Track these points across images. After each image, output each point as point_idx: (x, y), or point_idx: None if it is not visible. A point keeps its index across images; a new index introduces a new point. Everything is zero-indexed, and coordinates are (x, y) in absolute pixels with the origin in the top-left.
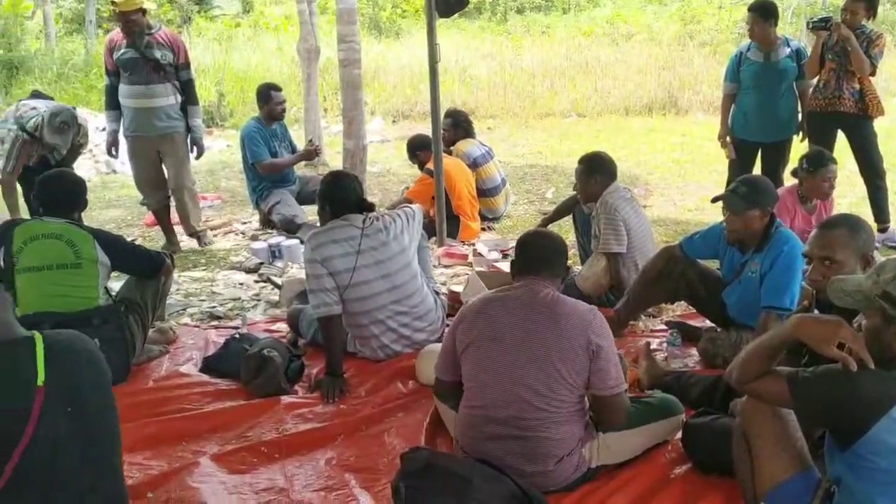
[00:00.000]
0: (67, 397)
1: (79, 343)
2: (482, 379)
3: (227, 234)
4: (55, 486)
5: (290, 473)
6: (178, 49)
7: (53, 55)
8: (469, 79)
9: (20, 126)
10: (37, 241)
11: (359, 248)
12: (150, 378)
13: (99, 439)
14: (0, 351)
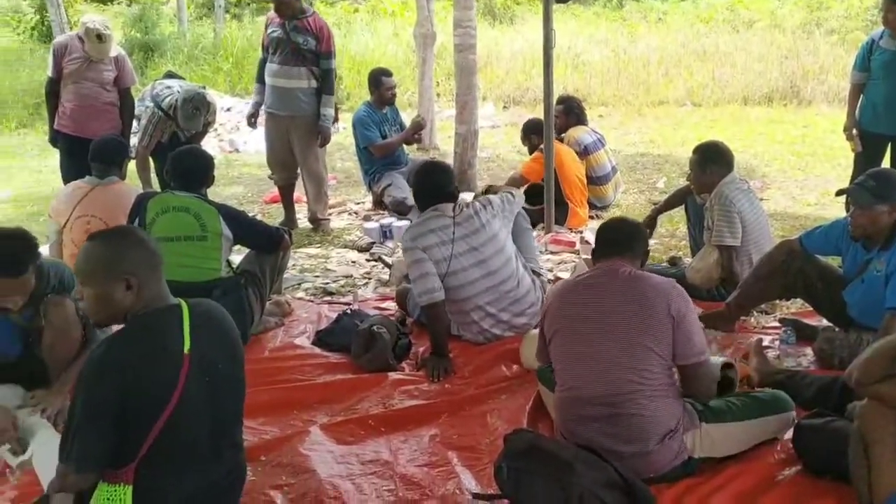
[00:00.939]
0: (207, 366)
1: (218, 314)
2: (569, 361)
3: (341, 213)
4: (187, 449)
5: (394, 447)
6: (322, 37)
7: (185, 38)
8: (582, 65)
9: (157, 104)
10: (168, 213)
11: (453, 237)
12: (266, 348)
13: (227, 410)
14: (154, 319)
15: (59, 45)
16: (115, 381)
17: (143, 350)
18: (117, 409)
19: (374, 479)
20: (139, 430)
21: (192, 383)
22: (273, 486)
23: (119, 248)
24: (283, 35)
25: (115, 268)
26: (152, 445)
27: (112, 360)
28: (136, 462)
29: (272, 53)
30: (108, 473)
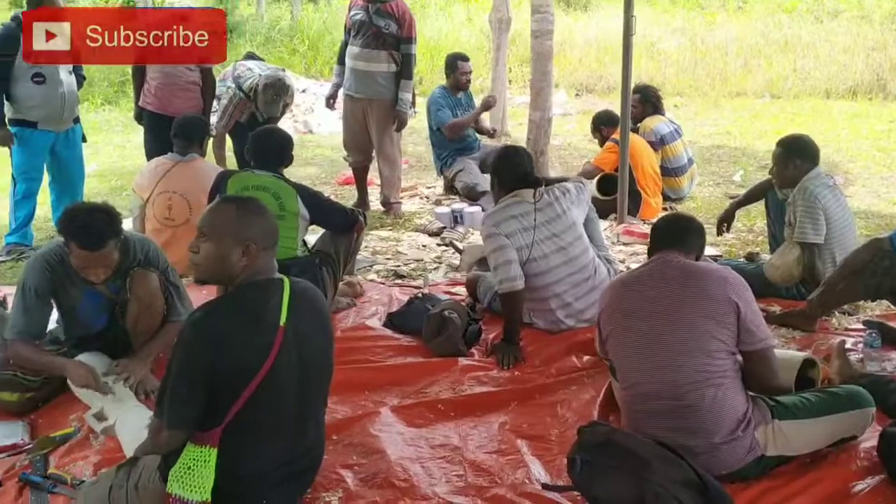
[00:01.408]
0: (300, 340)
1: (314, 292)
2: (628, 357)
3: (412, 197)
4: (273, 421)
5: (464, 433)
6: (404, 22)
7: (262, 20)
8: (657, 54)
9: (238, 86)
10: (247, 191)
11: (534, 224)
12: (339, 328)
13: (315, 387)
14: (256, 289)
15: None
16: (209, 344)
17: (240, 318)
18: (209, 372)
19: (443, 463)
20: (228, 396)
21: (284, 356)
22: (344, 465)
23: (249, 216)
24: (365, 18)
25: (240, 232)
26: (239, 413)
27: (210, 324)
28: (223, 427)
29: (354, 36)
30: (196, 434)
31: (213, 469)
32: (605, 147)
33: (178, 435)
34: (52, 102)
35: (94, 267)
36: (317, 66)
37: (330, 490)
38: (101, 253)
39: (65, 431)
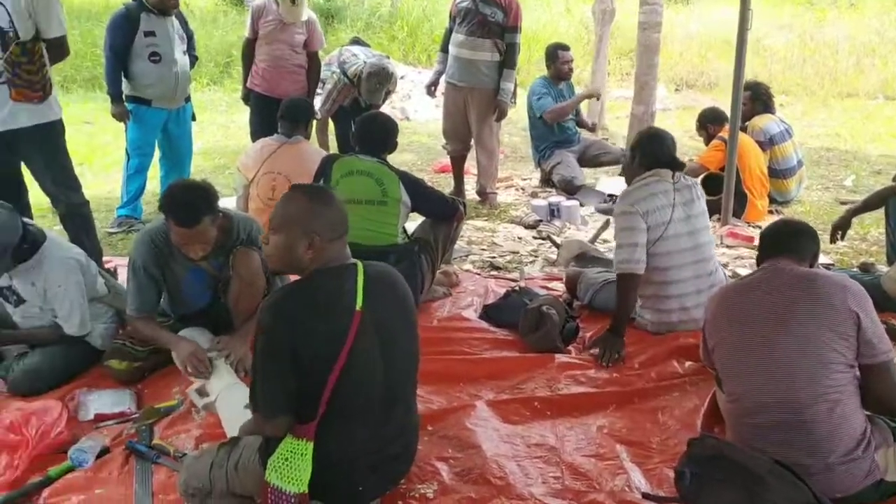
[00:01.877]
0: (379, 325)
1: (392, 276)
2: (737, 369)
3: (508, 188)
4: (363, 408)
5: (560, 433)
6: (510, 11)
7: (363, 5)
8: (763, 50)
9: (342, 71)
10: (351, 176)
11: (674, 202)
12: (435, 317)
13: (400, 370)
14: (329, 275)
15: (256, 7)
16: (285, 330)
17: (314, 303)
18: (292, 356)
19: (539, 463)
20: (315, 385)
21: (363, 341)
22: (439, 457)
23: (314, 207)
24: (471, 6)
25: (304, 224)
26: (329, 403)
27: (283, 310)
28: (318, 420)
29: (459, 24)
30: (294, 427)
31: (309, 462)
32: (711, 145)
33: (279, 424)
34: (166, 81)
35: (192, 243)
36: (415, 53)
37: (425, 482)
38: (196, 230)
39: (169, 403)
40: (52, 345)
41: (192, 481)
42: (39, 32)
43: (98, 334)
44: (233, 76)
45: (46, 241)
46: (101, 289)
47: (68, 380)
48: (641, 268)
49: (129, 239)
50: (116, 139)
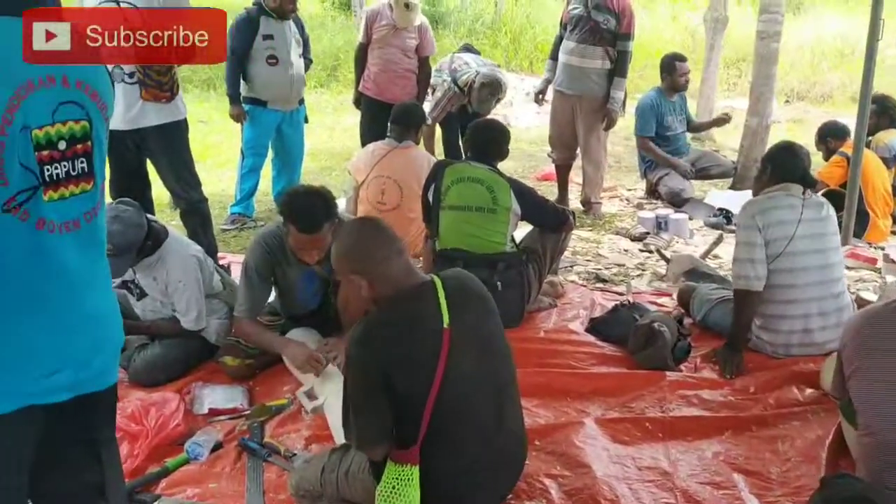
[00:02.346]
0: (471, 337)
1: (472, 283)
2: (875, 400)
3: (612, 198)
4: (467, 423)
5: (673, 457)
6: (623, 18)
7: (467, 12)
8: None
9: (453, 79)
10: (462, 182)
11: (800, 217)
12: (541, 328)
13: (502, 376)
14: (407, 299)
15: (371, 12)
16: (375, 360)
17: (399, 329)
18: (385, 387)
19: (652, 487)
20: (414, 409)
21: (457, 357)
22: (548, 474)
23: (348, 248)
24: (583, 12)
25: (350, 268)
26: (430, 424)
27: (370, 340)
28: (420, 442)
29: (570, 31)
30: (395, 453)
31: (417, 487)
32: (831, 160)
33: (374, 452)
34: (282, 83)
35: (310, 249)
36: (517, 59)
37: (534, 499)
38: (316, 236)
39: (279, 402)
40: (170, 338)
41: (303, 484)
42: None
43: (213, 329)
44: (339, 80)
45: (168, 238)
46: (217, 285)
47: (184, 373)
48: (759, 285)
49: (242, 236)
50: (228, 139)
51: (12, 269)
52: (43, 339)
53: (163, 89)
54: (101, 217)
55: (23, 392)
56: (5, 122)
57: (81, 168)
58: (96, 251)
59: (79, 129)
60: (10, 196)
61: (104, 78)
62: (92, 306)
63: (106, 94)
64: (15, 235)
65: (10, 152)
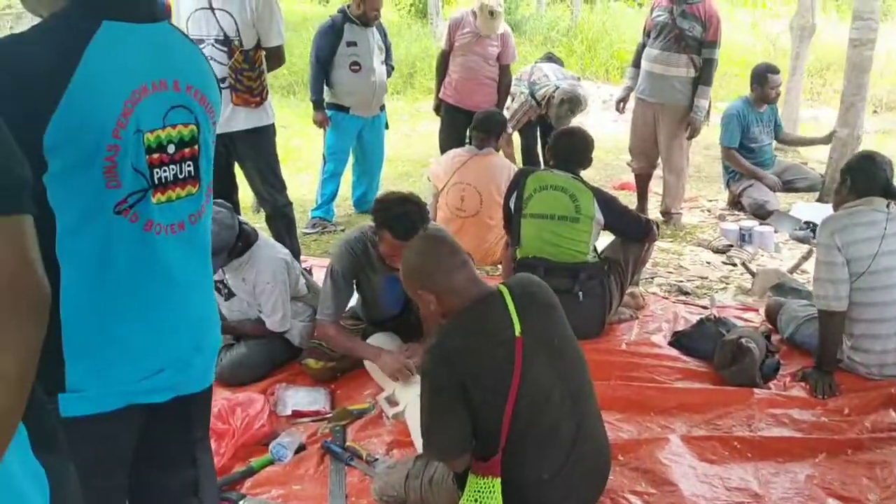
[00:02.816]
0: (543, 344)
1: (540, 290)
2: None
3: (693, 209)
4: (546, 432)
5: (764, 479)
6: (710, 25)
7: (542, 20)
8: None
9: (531, 92)
10: (545, 191)
11: (883, 233)
12: (623, 340)
13: (578, 383)
14: (476, 309)
15: (454, 20)
16: (450, 371)
17: (471, 340)
18: (462, 398)
19: None
20: (492, 420)
21: (532, 365)
22: (632, 490)
23: (411, 265)
24: (668, 20)
25: (417, 284)
26: (509, 435)
27: (444, 351)
28: (500, 453)
29: (654, 38)
30: (476, 466)
31: (500, 499)
32: None
33: (457, 464)
34: (364, 90)
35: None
36: (593, 67)
37: None
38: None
39: (361, 406)
40: (255, 339)
41: (387, 490)
42: (261, 41)
43: (297, 332)
44: (415, 87)
45: (259, 240)
46: (302, 288)
47: (268, 374)
48: (842, 305)
49: (322, 240)
50: (308, 144)
51: (120, 269)
52: (146, 339)
53: (253, 94)
54: (205, 220)
55: (126, 391)
56: (120, 125)
57: (188, 171)
58: (199, 253)
59: (187, 133)
60: (122, 198)
61: (212, 83)
62: (194, 308)
63: (214, 98)
64: (124, 237)
65: (124, 155)
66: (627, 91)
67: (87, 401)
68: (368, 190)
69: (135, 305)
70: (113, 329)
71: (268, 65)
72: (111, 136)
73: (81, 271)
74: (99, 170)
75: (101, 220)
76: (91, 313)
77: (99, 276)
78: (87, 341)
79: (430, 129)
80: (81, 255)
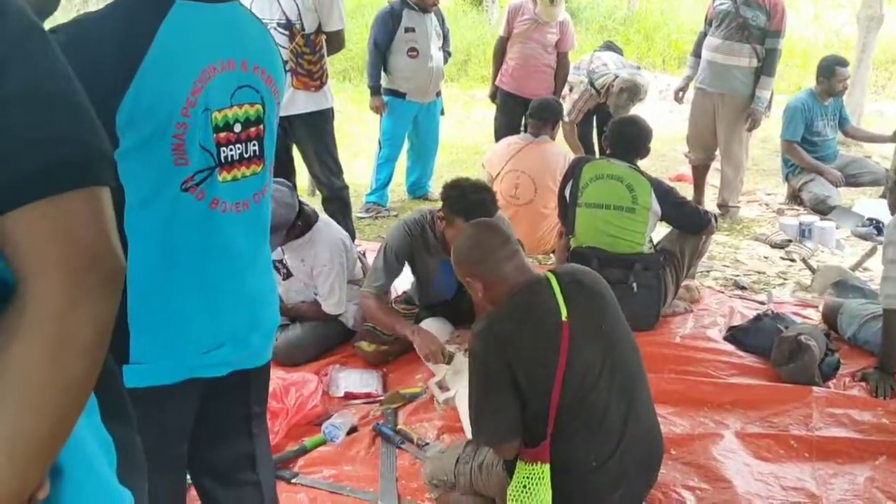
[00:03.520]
0: (591, 330)
1: (588, 277)
2: None
3: (750, 203)
4: (595, 418)
5: (821, 480)
6: (775, 14)
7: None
8: None
9: (590, 81)
10: (601, 180)
11: None
12: (677, 334)
13: (627, 370)
14: (524, 294)
15: (513, 6)
16: (498, 354)
17: (518, 324)
18: (510, 382)
19: None
20: (540, 405)
21: (580, 349)
22: (685, 485)
23: (461, 253)
24: (731, 8)
25: (466, 271)
26: (558, 418)
27: (492, 335)
28: (549, 439)
29: (716, 27)
30: (525, 452)
31: (548, 485)
32: None
33: (507, 449)
34: (421, 75)
35: None
36: (650, 57)
37: None
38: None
39: (413, 390)
40: (310, 320)
41: (437, 473)
42: (321, 25)
43: (351, 314)
44: (469, 74)
45: (319, 222)
46: (358, 272)
47: (322, 355)
48: None
49: (376, 225)
50: (363, 129)
51: (185, 246)
52: (207, 314)
53: (313, 78)
54: (268, 199)
55: (186, 365)
56: (189, 104)
57: (254, 150)
58: (261, 232)
59: (253, 113)
60: (189, 176)
61: (279, 64)
62: (253, 286)
63: (279, 79)
64: (190, 214)
65: (192, 134)
66: (687, 80)
67: (149, 373)
68: (422, 176)
69: (197, 281)
70: (175, 303)
71: (328, 48)
72: (180, 114)
73: (147, 246)
74: (168, 147)
75: (168, 196)
76: (155, 287)
77: (164, 251)
78: (151, 314)
79: (484, 117)
80: (148, 229)
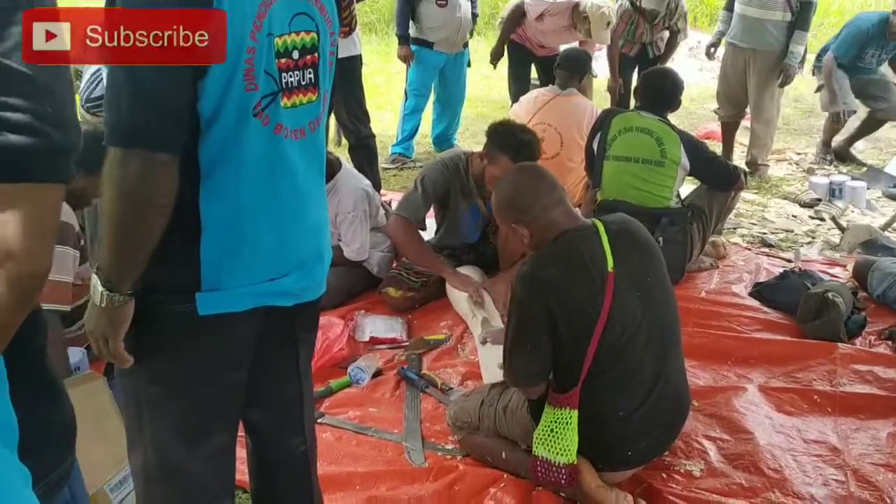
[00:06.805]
0: (636, 281)
1: (635, 227)
2: None
3: (780, 161)
4: (628, 369)
5: (843, 434)
6: None
7: None
8: None
9: None
10: (630, 132)
11: None
12: (701, 289)
13: (664, 324)
14: (571, 240)
15: None
16: (540, 298)
17: (564, 270)
18: (549, 326)
19: (819, 462)
20: (576, 351)
21: (623, 300)
22: (706, 436)
23: (509, 199)
24: None
25: (512, 217)
26: (592, 366)
27: (536, 279)
28: (580, 386)
29: None
30: (554, 397)
31: (575, 431)
32: None
33: (531, 391)
34: (449, 25)
35: None
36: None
37: (691, 459)
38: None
39: (437, 337)
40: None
41: (461, 415)
42: None
43: (375, 261)
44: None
45: (342, 170)
46: (381, 219)
47: (347, 300)
48: None
49: (402, 176)
50: (388, 81)
51: (254, 171)
52: (275, 241)
53: (342, 24)
54: (322, 128)
55: (255, 292)
56: (256, 28)
57: (310, 78)
58: (317, 161)
59: (309, 40)
60: (257, 100)
61: None
62: (316, 214)
63: (332, 10)
64: (258, 139)
65: (259, 58)
66: (719, 36)
67: (220, 300)
68: (448, 128)
69: (265, 206)
70: (246, 228)
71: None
72: (249, 37)
73: (220, 171)
74: (241, 72)
75: (241, 122)
76: (227, 212)
77: (235, 176)
78: (223, 240)
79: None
80: (221, 155)
